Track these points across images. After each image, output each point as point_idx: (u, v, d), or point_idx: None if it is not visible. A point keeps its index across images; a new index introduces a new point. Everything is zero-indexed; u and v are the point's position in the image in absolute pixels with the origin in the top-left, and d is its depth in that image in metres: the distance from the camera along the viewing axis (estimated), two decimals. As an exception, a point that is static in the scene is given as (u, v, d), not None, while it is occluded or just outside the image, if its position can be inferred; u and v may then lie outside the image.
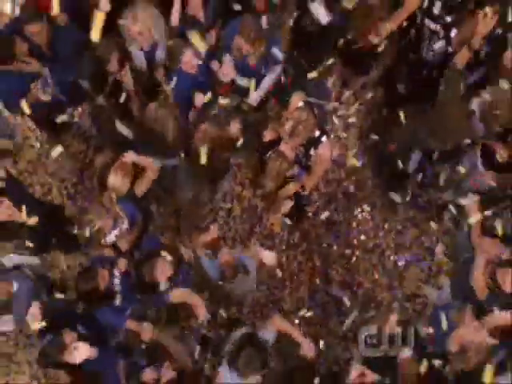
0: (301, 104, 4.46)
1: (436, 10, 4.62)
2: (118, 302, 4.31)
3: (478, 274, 4.27)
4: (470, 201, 4.52)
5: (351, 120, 5.73)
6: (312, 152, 4.54)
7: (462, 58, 4.49)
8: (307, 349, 4.43)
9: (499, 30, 4.47)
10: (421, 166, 4.99)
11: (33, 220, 4.39)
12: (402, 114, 4.76)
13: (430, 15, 4.66)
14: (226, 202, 5.72)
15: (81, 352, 3.94)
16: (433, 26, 4.67)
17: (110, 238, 4.42)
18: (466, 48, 4.42)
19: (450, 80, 4.65)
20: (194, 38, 4.34)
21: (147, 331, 4.28)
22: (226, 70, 4.65)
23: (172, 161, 4.92)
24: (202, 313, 4.46)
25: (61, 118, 5.03)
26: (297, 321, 5.39)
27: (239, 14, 4.70)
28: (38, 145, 5.78)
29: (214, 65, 4.69)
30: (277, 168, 4.39)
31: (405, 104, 4.93)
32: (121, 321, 4.30)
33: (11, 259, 4.57)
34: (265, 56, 4.68)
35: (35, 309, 4.01)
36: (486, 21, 4.25)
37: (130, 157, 4.40)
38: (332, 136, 5.40)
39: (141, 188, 4.51)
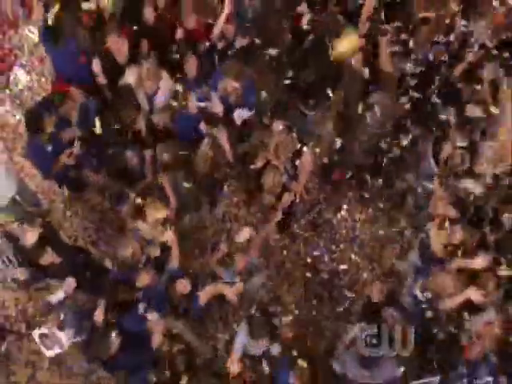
0: (281, 128, 5.23)
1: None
2: (141, 308, 4.86)
3: (433, 233, 5.14)
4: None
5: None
6: (297, 163, 5.25)
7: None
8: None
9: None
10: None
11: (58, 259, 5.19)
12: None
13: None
14: (225, 223, 6.43)
15: None
16: None
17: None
18: None
19: (348, 80, 5.40)
20: None
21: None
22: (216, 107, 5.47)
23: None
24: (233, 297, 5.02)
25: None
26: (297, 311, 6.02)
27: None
28: (62, 205, 6.55)
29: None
30: (271, 180, 5.10)
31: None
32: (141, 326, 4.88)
33: (57, 296, 5.22)
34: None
35: (100, 310, 4.87)
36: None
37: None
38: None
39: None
